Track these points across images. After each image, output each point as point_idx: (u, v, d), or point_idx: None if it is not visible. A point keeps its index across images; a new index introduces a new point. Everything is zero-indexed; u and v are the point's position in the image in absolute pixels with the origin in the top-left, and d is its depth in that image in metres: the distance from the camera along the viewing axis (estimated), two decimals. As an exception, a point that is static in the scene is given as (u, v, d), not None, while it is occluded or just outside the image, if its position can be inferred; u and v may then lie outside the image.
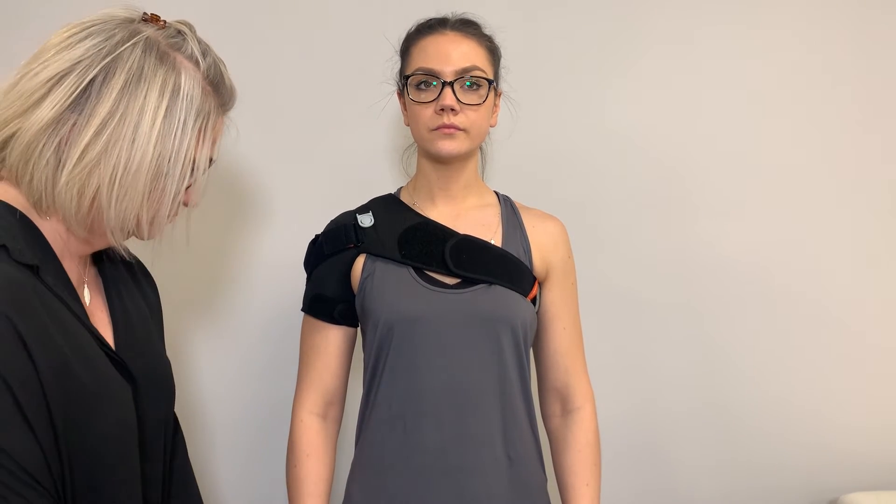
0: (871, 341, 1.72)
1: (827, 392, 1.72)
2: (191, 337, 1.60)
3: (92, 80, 0.81)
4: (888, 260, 1.72)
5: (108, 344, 0.88)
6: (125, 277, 1.02)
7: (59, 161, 0.82)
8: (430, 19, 1.27)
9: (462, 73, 1.20)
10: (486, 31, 1.28)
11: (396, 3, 1.56)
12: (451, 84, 1.19)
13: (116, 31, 0.85)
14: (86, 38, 0.83)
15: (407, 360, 1.21)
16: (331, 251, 1.28)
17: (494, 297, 1.22)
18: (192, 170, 0.89)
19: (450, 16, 1.27)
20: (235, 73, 1.57)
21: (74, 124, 0.81)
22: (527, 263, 1.27)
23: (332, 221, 1.33)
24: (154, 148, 0.84)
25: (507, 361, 1.22)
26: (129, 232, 0.89)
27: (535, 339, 1.32)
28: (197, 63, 0.89)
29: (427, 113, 1.21)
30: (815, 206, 1.71)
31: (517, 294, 1.24)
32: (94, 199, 0.84)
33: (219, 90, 0.92)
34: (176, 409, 1.08)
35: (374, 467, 1.23)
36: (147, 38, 0.86)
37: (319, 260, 1.29)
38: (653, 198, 1.69)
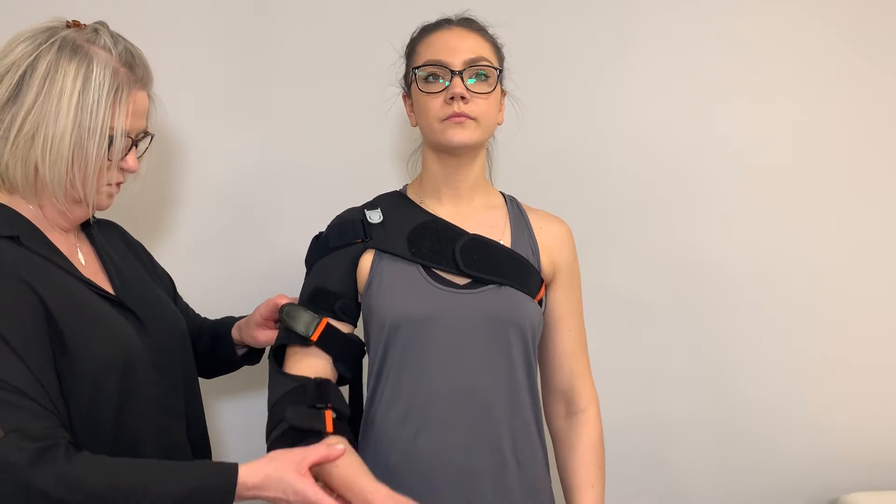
0: (871, 343, 1.73)
1: (827, 393, 1.72)
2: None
3: (22, 76, 1.06)
4: (888, 261, 1.72)
5: (104, 290, 1.13)
6: (115, 241, 1.26)
7: (6, 141, 1.06)
8: (435, 20, 1.29)
9: (470, 63, 1.21)
10: (490, 31, 1.30)
11: (401, 7, 1.55)
12: (461, 73, 1.20)
13: (39, 36, 1.08)
14: (17, 46, 1.07)
15: (414, 360, 1.20)
16: (337, 244, 1.26)
17: (505, 298, 1.22)
18: (111, 138, 1.08)
19: (453, 16, 1.29)
20: (238, 74, 1.59)
21: (14, 112, 1.06)
22: (535, 265, 1.27)
23: (338, 216, 1.32)
24: (73, 121, 1.05)
25: (515, 363, 1.22)
26: (71, 196, 1.09)
27: (539, 340, 1.31)
28: (109, 50, 1.10)
29: (436, 104, 1.21)
30: (815, 207, 1.71)
31: (526, 296, 1.24)
32: (35, 168, 1.06)
33: (133, 69, 1.12)
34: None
35: (379, 469, 1.20)
36: (63, 37, 1.08)
37: (323, 253, 1.27)
38: (653, 199, 1.69)
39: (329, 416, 1.16)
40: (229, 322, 1.41)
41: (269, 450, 1.14)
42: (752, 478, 1.72)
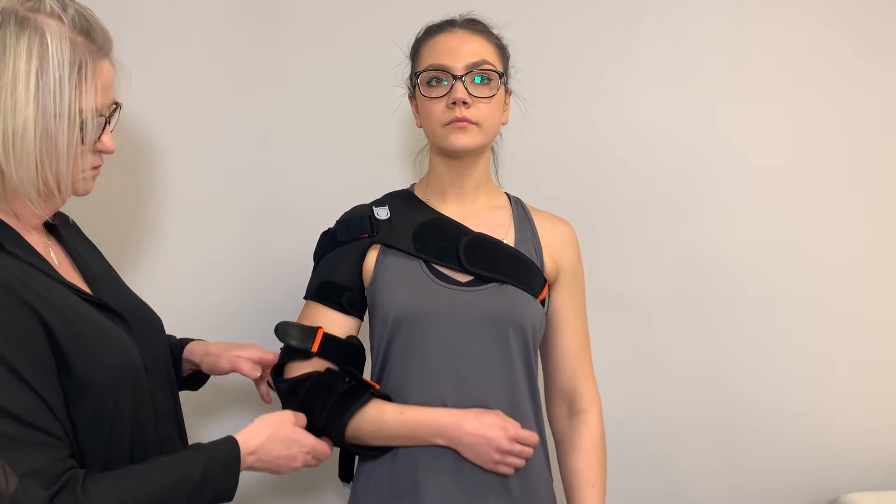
0: (872, 341, 1.73)
1: (827, 392, 1.73)
2: (198, 336, 1.59)
3: None
4: (888, 260, 1.72)
5: (85, 291, 1.00)
6: (75, 235, 1.13)
7: None
8: (439, 21, 1.29)
9: (472, 68, 1.21)
10: (494, 31, 1.30)
11: (408, 7, 1.55)
12: (462, 78, 1.20)
13: None
14: None
15: (415, 356, 1.20)
16: (344, 239, 1.28)
17: (506, 297, 1.22)
18: (83, 121, 0.93)
19: (457, 17, 1.29)
20: (247, 74, 1.58)
21: None
22: (538, 265, 1.27)
23: (346, 212, 1.33)
24: (36, 110, 0.89)
25: (515, 362, 1.22)
26: (45, 193, 0.94)
27: (542, 341, 1.32)
28: (59, 17, 0.92)
29: (439, 108, 1.22)
30: (815, 206, 1.71)
31: (528, 295, 1.24)
32: (0, 170, 0.91)
33: (91, 36, 0.95)
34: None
35: (381, 462, 1.22)
36: (2, 9, 0.90)
37: (331, 247, 1.29)
38: (654, 199, 1.69)
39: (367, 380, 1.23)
40: (182, 341, 1.32)
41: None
42: (751, 477, 1.72)
